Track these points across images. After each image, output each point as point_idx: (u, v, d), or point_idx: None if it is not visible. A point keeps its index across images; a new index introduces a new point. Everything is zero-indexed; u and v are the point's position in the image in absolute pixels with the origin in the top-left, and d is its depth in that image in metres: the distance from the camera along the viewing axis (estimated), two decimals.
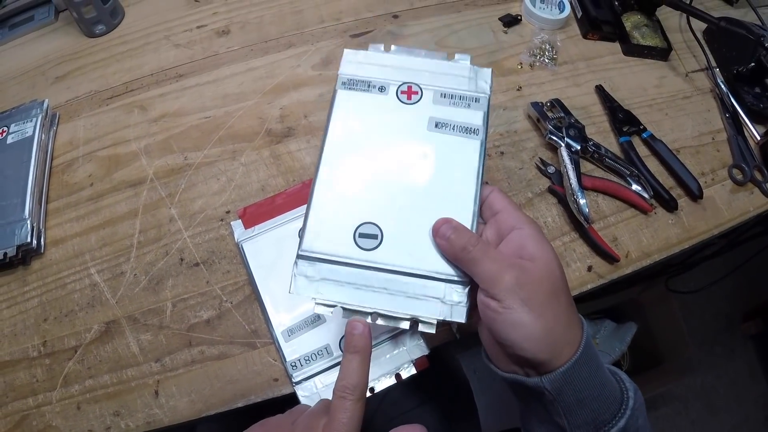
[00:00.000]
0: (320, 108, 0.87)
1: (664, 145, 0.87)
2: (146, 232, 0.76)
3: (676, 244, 0.80)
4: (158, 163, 0.82)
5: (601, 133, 0.88)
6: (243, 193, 0.79)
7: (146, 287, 0.72)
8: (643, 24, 1.04)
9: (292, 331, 0.67)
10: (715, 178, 0.86)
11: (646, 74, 0.98)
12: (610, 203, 0.82)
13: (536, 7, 1.00)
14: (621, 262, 0.77)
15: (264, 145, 0.84)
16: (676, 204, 0.82)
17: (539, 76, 0.94)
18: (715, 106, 0.95)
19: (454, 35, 0.98)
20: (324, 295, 0.50)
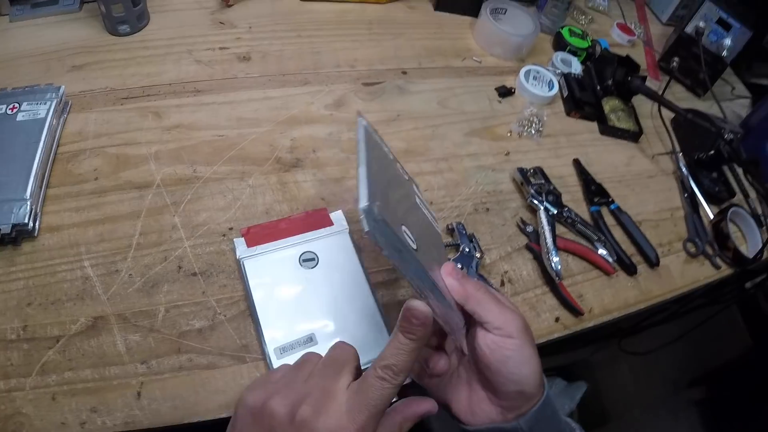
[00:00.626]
0: (329, 145, 0.90)
1: (629, 217, 0.95)
2: (147, 235, 0.76)
3: (633, 304, 0.87)
4: (167, 171, 0.82)
5: (575, 201, 0.95)
6: (247, 213, 0.80)
7: (140, 289, 0.72)
8: (619, 108, 1.14)
9: (284, 349, 0.67)
10: (671, 250, 0.95)
11: (618, 153, 1.07)
12: (579, 264, 0.88)
13: (529, 83, 1.08)
14: (585, 316, 0.82)
15: (272, 171, 0.85)
16: (635, 269, 0.89)
17: (525, 145, 1.01)
18: (676, 186, 1.06)
19: (455, 98, 1.04)
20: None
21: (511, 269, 0.85)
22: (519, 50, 1.17)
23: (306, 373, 0.50)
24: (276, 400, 0.47)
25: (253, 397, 0.49)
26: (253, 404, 0.48)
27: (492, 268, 0.84)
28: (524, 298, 0.82)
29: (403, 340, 0.47)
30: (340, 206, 0.83)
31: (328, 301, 0.72)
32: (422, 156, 0.93)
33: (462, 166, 0.94)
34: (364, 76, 1.03)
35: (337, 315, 0.71)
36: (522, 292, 0.83)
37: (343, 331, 0.70)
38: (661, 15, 1.55)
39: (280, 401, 0.47)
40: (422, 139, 0.96)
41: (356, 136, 0.60)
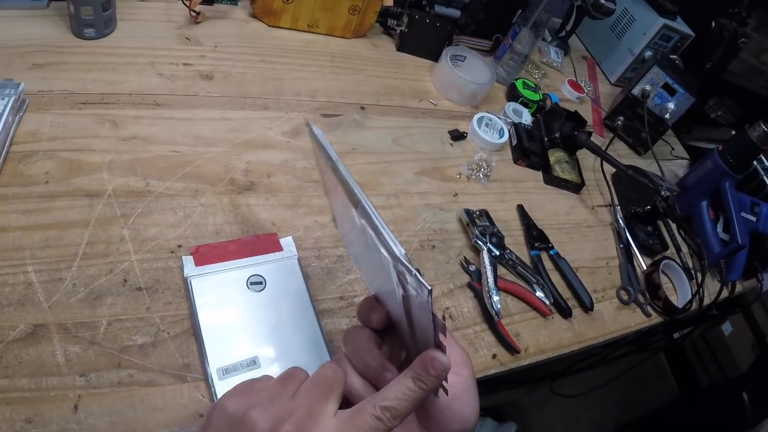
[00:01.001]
0: (283, 171, 0.92)
1: (567, 263, 1.01)
2: (94, 245, 0.76)
3: (567, 345, 0.92)
4: (119, 182, 0.82)
5: (517, 245, 1.01)
6: (197, 232, 0.81)
7: (84, 299, 0.71)
8: (564, 160, 1.21)
9: (227, 370, 0.68)
10: (605, 296, 1.02)
11: (560, 202, 1.15)
12: (517, 304, 0.93)
13: (481, 129, 1.14)
14: (521, 354, 0.87)
15: (225, 192, 0.86)
16: (570, 312, 0.95)
17: (473, 188, 1.07)
18: (612, 237, 1.14)
19: (409, 137, 1.09)
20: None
21: (453, 305, 0.89)
22: (474, 97, 1.23)
23: (292, 390, 0.48)
24: (257, 412, 0.45)
25: (233, 404, 0.47)
26: (233, 412, 0.46)
27: (435, 304, 0.86)
28: (464, 334, 0.86)
29: (413, 387, 0.45)
30: (290, 232, 0.85)
31: (273, 325, 0.74)
32: (374, 190, 0.96)
33: (411, 203, 0.98)
34: (323, 107, 1.06)
35: (282, 340, 0.73)
36: (462, 328, 0.87)
37: (286, 356, 0.72)
38: (610, 75, 1.67)
39: (262, 414, 0.44)
40: (375, 174, 0.99)
41: (314, 139, 0.57)
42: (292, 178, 0.92)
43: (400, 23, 1.28)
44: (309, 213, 0.89)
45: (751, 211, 1.23)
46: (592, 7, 1.46)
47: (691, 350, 2.19)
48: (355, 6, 1.18)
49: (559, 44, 1.65)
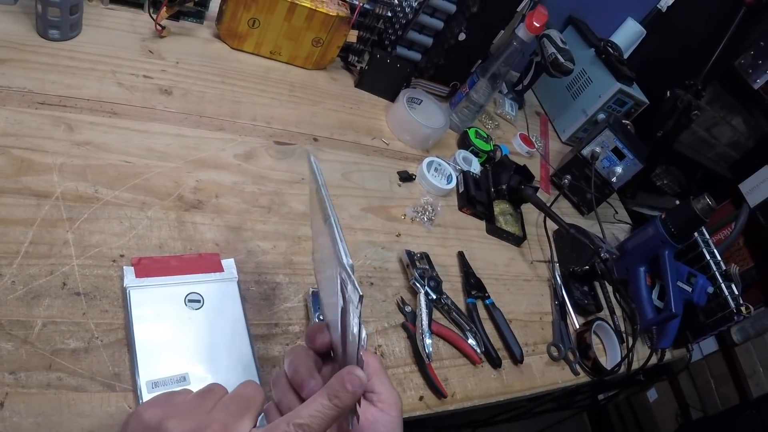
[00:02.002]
0: (232, 194, 0.96)
1: (501, 314, 1.06)
2: (37, 245, 0.77)
3: (494, 395, 0.97)
4: (69, 186, 0.84)
5: (454, 291, 1.06)
6: (141, 244, 0.83)
7: (21, 298, 0.73)
8: (508, 212, 1.28)
9: (156, 384, 0.70)
10: (536, 350, 1.07)
11: (500, 253, 1.21)
12: (448, 349, 0.98)
13: (430, 173, 1.20)
14: (448, 399, 0.91)
15: (173, 207, 0.89)
16: (500, 363, 1.00)
17: (416, 230, 1.12)
18: (548, 293, 1.20)
19: (359, 173, 1.14)
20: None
21: (385, 344, 0.93)
22: (426, 141, 1.30)
23: (210, 404, 0.49)
24: (173, 422, 0.46)
25: (150, 413, 0.48)
26: (149, 420, 0.47)
27: (368, 340, 0.91)
28: (393, 374, 0.89)
29: (327, 405, 0.46)
30: (232, 254, 0.88)
31: (206, 344, 0.77)
32: None
33: (355, 238, 1.03)
34: (277, 134, 1.10)
35: (213, 360, 0.76)
36: (392, 367, 0.90)
37: (216, 376, 0.75)
38: (562, 133, 1.75)
39: (178, 425, 0.46)
40: None
41: (310, 166, 0.63)
42: (240, 201, 0.96)
43: (361, 60, 1.35)
44: (253, 237, 0.93)
45: (687, 281, 1.29)
46: (551, 65, 1.54)
47: (614, 413, 2.30)
48: (319, 39, 1.23)
49: (515, 97, 1.74)
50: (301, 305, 0.89)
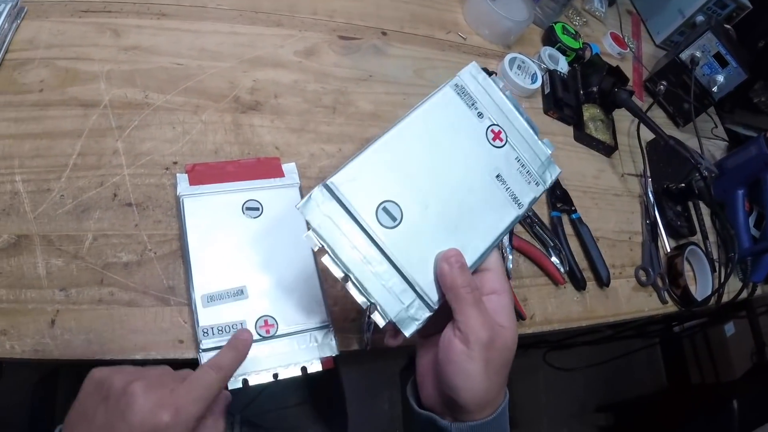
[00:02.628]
0: (292, 93, 0.88)
1: (588, 230, 0.94)
2: (85, 156, 0.73)
3: (575, 319, 0.86)
4: (117, 93, 0.79)
5: (538, 203, 0.92)
6: (195, 150, 0.78)
7: (70, 212, 0.69)
8: (599, 118, 1.12)
9: (212, 298, 0.65)
10: (623, 273, 0.95)
11: (589, 163, 1.06)
12: (529, 267, 0.88)
13: (512, 71, 1.06)
14: (526, 321, 0.82)
15: (228, 110, 0.83)
16: (584, 284, 0.89)
17: None
18: (639, 210, 1.05)
19: (432, 70, 1.02)
20: (321, 232, 0.52)
21: None
22: (507, 36, 1.15)
23: (173, 384, 0.51)
24: (118, 375, 0.50)
25: (100, 372, 0.51)
26: (99, 377, 0.51)
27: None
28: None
29: (231, 350, 0.60)
30: (294, 158, 0.81)
31: (266, 256, 0.71)
32: (389, 122, 0.88)
33: None
34: (341, 28, 1.00)
35: (273, 272, 0.70)
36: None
37: (277, 289, 0.69)
38: (656, 36, 1.54)
39: (122, 377, 0.49)
40: (391, 105, 0.94)
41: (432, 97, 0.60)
42: (301, 101, 0.88)
43: None
44: (316, 140, 0.85)
45: None
46: None
47: (688, 344, 2.16)
48: None
49: None
50: None
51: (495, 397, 0.53)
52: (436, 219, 0.56)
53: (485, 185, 0.59)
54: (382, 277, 0.53)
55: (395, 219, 0.54)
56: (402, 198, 0.55)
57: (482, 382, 0.51)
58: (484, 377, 0.51)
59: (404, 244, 0.54)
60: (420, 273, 0.54)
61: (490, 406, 0.53)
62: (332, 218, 0.52)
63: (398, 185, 0.55)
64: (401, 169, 0.56)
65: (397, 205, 0.54)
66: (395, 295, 0.53)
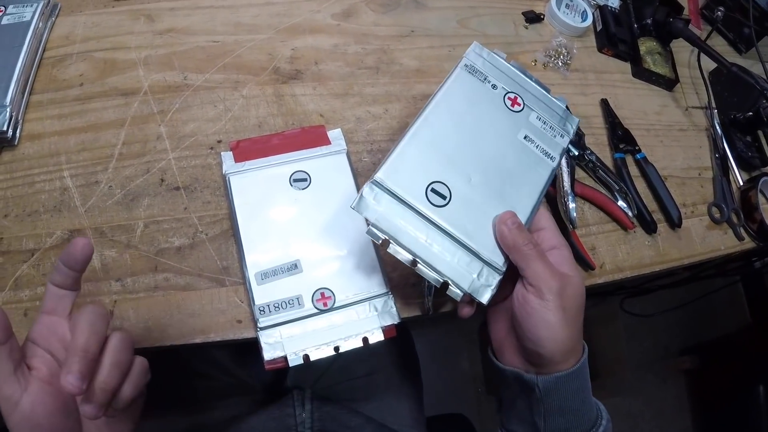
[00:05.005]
0: (333, 58, 0.83)
1: (655, 170, 0.87)
2: (130, 144, 0.71)
3: (648, 265, 0.80)
4: (155, 78, 0.76)
5: (598, 146, 0.87)
6: (238, 126, 0.74)
7: (119, 202, 0.67)
8: (656, 51, 1.02)
9: (266, 275, 0.62)
10: (695, 212, 0.87)
11: (650, 99, 0.97)
12: (595, 213, 0.81)
13: (560, 10, 0.98)
14: (596, 271, 0.76)
15: (269, 82, 0.79)
16: (655, 227, 0.82)
17: (550, 77, 0.92)
18: (707, 144, 0.96)
19: (477, 19, 0.95)
20: (381, 225, 0.54)
21: None
22: None
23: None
24: None
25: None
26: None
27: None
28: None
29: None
30: (339, 124, 0.76)
31: (318, 226, 0.67)
32: (435, 78, 0.85)
33: None
34: None
35: (327, 242, 0.66)
36: None
37: (332, 259, 0.65)
38: None
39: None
40: (436, 60, 0.88)
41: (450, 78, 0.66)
42: (343, 65, 0.83)
43: None
44: (361, 103, 0.80)
45: None
46: None
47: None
48: None
49: None
50: None
51: (575, 346, 0.54)
52: (482, 189, 0.59)
53: (516, 148, 0.63)
54: (448, 254, 0.55)
55: (445, 197, 0.57)
56: (446, 177, 0.58)
57: (563, 329, 0.52)
58: (563, 324, 0.52)
59: (459, 218, 0.56)
60: (481, 242, 0.56)
61: (572, 355, 0.54)
62: (387, 210, 0.55)
63: (439, 166, 0.58)
64: (438, 151, 0.59)
65: (443, 184, 0.57)
66: (464, 267, 0.55)
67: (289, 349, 0.59)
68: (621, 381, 1.98)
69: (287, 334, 0.61)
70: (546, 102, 0.67)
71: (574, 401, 0.54)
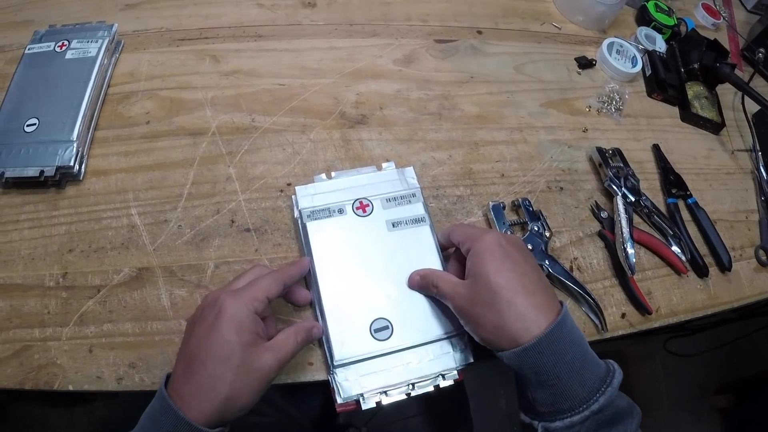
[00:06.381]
0: (397, 103, 0.83)
1: (706, 214, 0.87)
2: (199, 185, 0.71)
3: (701, 308, 0.79)
4: (223, 118, 0.76)
5: (652, 190, 0.87)
6: (307, 170, 0.74)
7: (189, 241, 0.66)
8: (703, 95, 1.04)
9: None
10: (743, 255, 0.87)
11: (698, 143, 0.98)
12: (650, 258, 0.81)
13: (611, 56, 0.99)
14: (652, 315, 0.75)
15: (336, 126, 0.79)
16: (707, 271, 0.81)
17: (604, 123, 0.93)
18: (753, 187, 0.96)
19: (532, 64, 0.96)
20: (367, 388, 0.59)
21: (581, 256, 0.77)
22: (602, 20, 1.07)
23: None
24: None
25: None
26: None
27: (561, 253, 0.76)
28: (592, 289, 0.75)
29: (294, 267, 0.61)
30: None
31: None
32: (495, 124, 0.86)
33: (537, 138, 0.87)
34: (436, 32, 0.95)
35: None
36: (590, 282, 0.75)
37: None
38: (746, 1, 1.43)
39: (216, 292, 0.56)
40: (496, 106, 0.88)
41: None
42: (406, 110, 0.83)
43: None
44: (426, 148, 0.80)
45: None
46: None
47: None
48: None
49: None
50: (483, 219, 0.77)
51: (513, 326, 0.53)
52: (403, 293, 0.64)
53: (394, 239, 0.67)
54: (423, 359, 0.61)
55: (388, 327, 0.62)
56: (376, 312, 0.62)
57: (479, 329, 0.56)
58: (475, 327, 0.56)
59: (409, 329, 0.62)
60: (434, 329, 0.62)
61: (534, 323, 0.53)
62: (362, 374, 0.60)
63: (363, 309, 0.62)
64: (352, 299, 0.63)
65: (380, 318, 0.62)
66: (440, 355, 0.62)
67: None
68: (657, 420, 1.96)
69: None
70: (381, 179, 0.71)
71: (557, 368, 0.52)
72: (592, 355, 0.55)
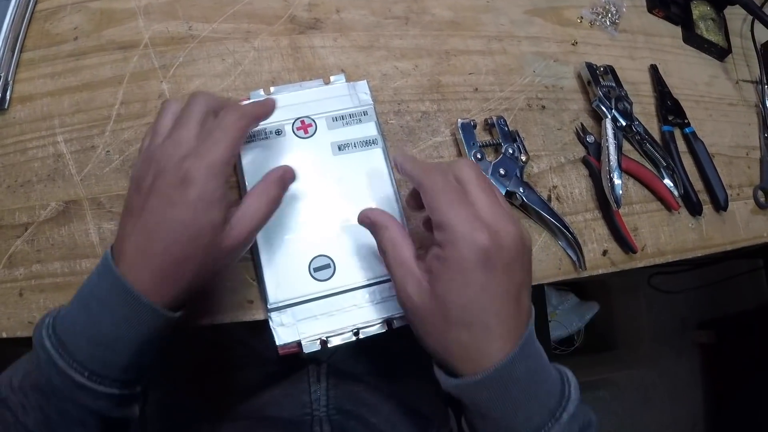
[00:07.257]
0: (357, 6, 0.75)
1: (704, 147, 0.80)
2: (129, 104, 0.64)
3: (690, 249, 0.75)
4: (157, 28, 0.69)
5: (646, 116, 0.80)
6: (249, 82, 0.67)
7: (118, 168, 0.61)
8: (709, 17, 0.94)
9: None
10: (741, 194, 0.81)
11: (700, 68, 0.90)
12: (639, 191, 0.75)
13: None
14: (637, 254, 0.71)
15: (284, 32, 0.71)
16: (701, 209, 0.76)
17: (597, 37, 0.84)
18: (756, 122, 0.89)
19: None
20: (306, 334, 0.54)
21: (562, 184, 0.72)
22: None
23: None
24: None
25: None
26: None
27: (539, 180, 0.70)
28: (572, 221, 0.70)
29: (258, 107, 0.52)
30: (363, 79, 0.68)
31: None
32: (471, 31, 0.77)
33: (518, 49, 0.78)
34: None
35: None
36: (570, 214, 0.70)
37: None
38: None
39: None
40: (473, 11, 0.79)
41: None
42: (368, 14, 0.75)
43: None
44: (388, 57, 0.72)
45: None
46: None
47: None
48: None
49: None
50: (451, 139, 0.70)
51: (481, 337, 0.45)
52: (348, 228, 0.57)
53: (340, 165, 0.60)
54: (371, 301, 0.56)
55: (329, 265, 0.56)
56: (316, 248, 0.57)
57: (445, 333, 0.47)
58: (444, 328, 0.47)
59: (353, 268, 0.57)
60: (381, 267, 0.56)
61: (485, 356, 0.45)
62: (300, 318, 0.55)
63: (303, 245, 0.57)
64: (290, 234, 0.57)
65: (321, 256, 0.57)
66: (390, 297, 0.56)
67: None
68: (637, 353, 2.01)
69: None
70: (328, 95, 0.63)
71: (503, 405, 0.45)
72: (548, 382, 0.48)
